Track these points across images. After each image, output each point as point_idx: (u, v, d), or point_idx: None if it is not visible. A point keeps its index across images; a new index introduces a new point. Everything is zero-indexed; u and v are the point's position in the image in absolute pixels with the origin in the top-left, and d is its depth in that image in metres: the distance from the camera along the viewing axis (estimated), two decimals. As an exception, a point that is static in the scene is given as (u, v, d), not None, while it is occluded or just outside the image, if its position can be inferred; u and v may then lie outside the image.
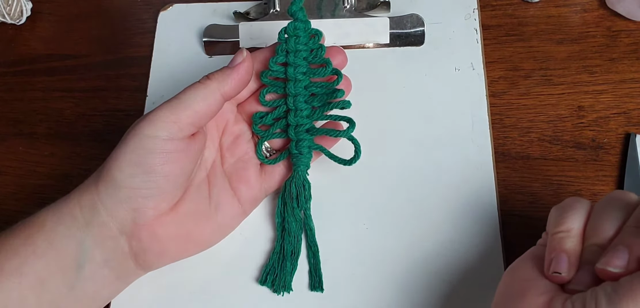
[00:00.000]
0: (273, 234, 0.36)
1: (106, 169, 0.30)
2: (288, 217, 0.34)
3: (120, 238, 0.30)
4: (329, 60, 0.34)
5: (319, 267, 0.34)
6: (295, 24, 0.33)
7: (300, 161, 0.34)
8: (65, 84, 0.43)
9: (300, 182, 0.34)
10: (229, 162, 0.35)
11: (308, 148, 0.34)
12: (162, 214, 0.31)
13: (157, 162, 0.29)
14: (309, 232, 0.35)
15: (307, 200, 0.34)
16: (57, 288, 0.29)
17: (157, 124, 0.29)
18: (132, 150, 0.29)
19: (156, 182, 0.30)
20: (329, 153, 0.34)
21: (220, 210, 0.33)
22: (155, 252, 0.31)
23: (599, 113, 0.39)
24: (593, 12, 0.42)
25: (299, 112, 0.34)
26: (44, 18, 0.46)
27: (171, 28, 0.44)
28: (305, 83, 0.34)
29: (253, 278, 0.35)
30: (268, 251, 0.35)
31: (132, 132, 0.30)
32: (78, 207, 0.30)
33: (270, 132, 0.35)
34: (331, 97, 0.34)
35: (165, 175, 0.30)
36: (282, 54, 0.34)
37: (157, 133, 0.29)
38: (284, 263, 0.34)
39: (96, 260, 0.30)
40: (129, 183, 0.29)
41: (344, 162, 0.34)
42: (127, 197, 0.29)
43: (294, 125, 0.34)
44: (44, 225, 0.30)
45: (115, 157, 0.30)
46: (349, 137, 0.33)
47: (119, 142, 0.31)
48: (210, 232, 0.33)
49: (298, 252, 0.34)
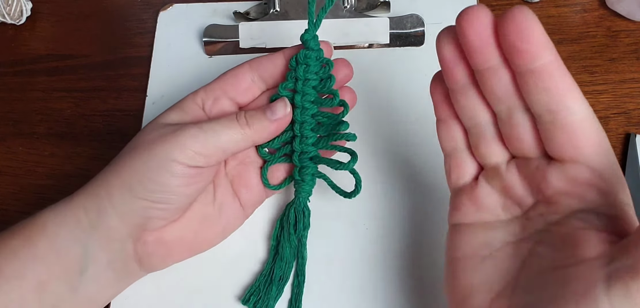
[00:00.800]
0: (264, 256, 0.35)
1: (123, 177, 0.29)
2: (283, 241, 0.34)
3: (126, 241, 0.30)
4: (336, 92, 0.34)
5: (301, 298, 0.34)
6: (306, 53, 0.33)
7: (302, 188, 0.34)
8: (65, 84, 0.43)
9: (300, 209, 0.34)
10: (231, 165, 0.35)
11: (311, 176, 0.34)
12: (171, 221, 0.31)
13: (179, 183, 0.29)
14: (300, 260, 0.34)
15: (305, 228, 0.34)
16: (59, 290, 0.29)
17: (187, 153, 0.29)
18: (155, 168, 0.29)
19: (176, 201, 0.30)
20: (331, 183, 0.34)
21: (223, 213, 0.33)
22: (160, 255, 0.31)
23: (599, 113, 0.39)
24: (593, 12, 0.42)
25: (304, 139, 0.34)
26: (44, 18, 0.46)
27: (171, 28, 0.44)
28: (313, 111, 0.34)
29: (236, 297, 0.34)
30: (256, 272, 0.35)
31: (157, 149, 0.29)
32: (82, 210, 0.30)
33: (275, 157, 0.35)
34: (336, 128, 0.34)
35: (186, 195, 0.30)
36: (292, 81, 0.33)
37: (184, 160, 0.29)
38: (270, 287, 0.33)
39: (100, 263, 0.30)
40: (148, 197, 0.29)
41: (345, 195, 0.33)
42: (143, 208, 0.29)
43: (299, 152, 0.34)
44: (45, 227, 0.29)
45: (135, 168, 0.29)
46: (351, 170, 0.33)
47: (133, 144, 0.30)
48: (214, 234, 0.33)
49: (286, 278, 0.34)
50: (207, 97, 0.33)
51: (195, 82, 0.41)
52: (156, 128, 0.31)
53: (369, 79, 0.40)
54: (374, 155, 0.38)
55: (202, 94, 0.33)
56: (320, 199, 0.36)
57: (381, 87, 0.40)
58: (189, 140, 0.29)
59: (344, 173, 0.34)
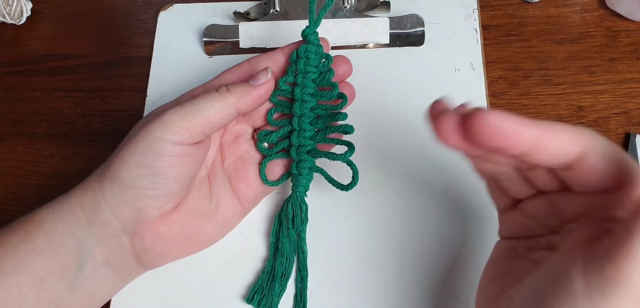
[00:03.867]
0: (264, 253, 0.35)
1: (113, 168, 0.30)
2: (282, 237, 0.34)
3: (122, 237, 0.30)
4: (336, 84, 0.34)
5: (305, 293, 0.34)
6: (307, 47, 0.34)
7: (299, 182, 0.34)
8: (65, 84, 0.43)
9: (297, 203, 0.34)
10: (229, 161, 0.35)
11: (308, 169, 0.34)
12: (165, 214, 0.31)
13: (166, 164, 0.29)
14: (301, 254, 0.34)
15: (304, 222, 0.34)
16: (57, 286, 0.29)
17: (170, 128, 0.29)
18: (142, 151, 0.29)
19: (163, 184, 0.30)
20: (328, 176, 0.34)
21: (220, 209, 0.33)
22: (158, 251, 0.31)
23: (599, 113, 0.39)
24: (593, 12, 0.42)
25: (302, 133, 0.34)
26: (44, 18, 0.46)
27: (171, 28, 0.44)
28: (312, 104, 0.34)
29: (239, 296, 0.34)
30: (258, 270, 0.35)
31: (142, 132, 0.29)
32: (79, 205, 0.30)
33: (273, 151, 0.35)
34: (333, 119, 0.34)
35: (174, 177, 0.30)
36: (292, 74, 0.34)
37: (168, 137, 0.29)
38: (273, 284, 0.34)
39: (97, 259, 0.30)
40: (137, 183, 0.29)
41: (342, 187, 0.34)
42: (133, 197, 0.29)
43: (297, 145, 0.34)
44: (43, 223, 0.30)
45: (122, 157, 0.29)
46: (348, 162, 0.33)
47: (125, 139, 0.31)
48: (211, 231, 0.33)
49: (288, 274, 0.34)
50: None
51: (195, 82, 0.41)
52: (147, 119, 0.31)
53: (369, 79, 0.40)
54: (374, 155, 0.38)
55: (201, 90, 0.33)
56: (319, 194, 0.36)
57: (381, 87, 0.40)
58: (171, 116, 0.29)
59: (341, 169, 0.34)
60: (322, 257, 0.35)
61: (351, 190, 0.34)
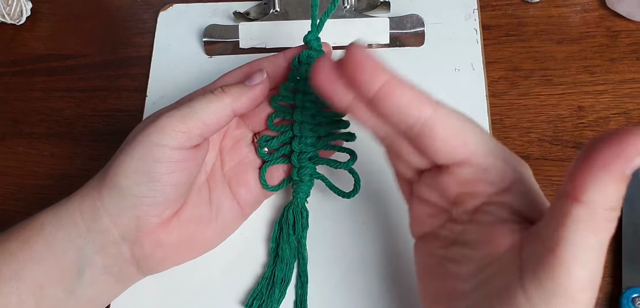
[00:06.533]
0: (264, 259, 0.35)
1: (110, 175, 0.29)
2: (283, 243, 0.34)
3: (121, 244, 0.30)
4: None
5: (306, 299, 0.34)
6: (309, 53, 0.33)
7: (300, 188, 0.34)
8: (65, 84, 0.43)
9: (298, 209, 0.34)
10: (228, 165, 0.35)
11: (309, 176, 0.34)
12: (165, 221, 0.31)
13: (164, 170, 0.29)
14: (301, 260, 0.34)
15: (304, 228, 0.34)
16: (56, 293, 0.29)
17: (167, 132, 0.29)
18: (139, 157, 0.29)
19: (162, 190, 0.29)
20: (329, 183, 0.34)
21: (220, 214, 0.33)
22: (157, 257, 0.31)
23: (599, 113, 0.39)
24: (593, 12, 0.42)
25: (303, 139, 0.34)
26: (44, 18, 0.46)
27: (171, 28, 0.44)
28: (313, 111, 0.34)
29: (239, 301, 0.34)
30: (258, 275, 0.35)
31: (139, 138, 0.29)
32: (78, 212, 0.29)
33: (274, 157, 0.34)
34: (336, 127, 0.34)
35: (172, 184, 0.29)
36: (293, 80, 0.33)
37: (165, 142, 0.29)
38: (273, 290, 0.33)
39: (96, 266, 0.30)
40: (135, 191, 0.29)
41: (344, 195, 0.33)
42: (132, 205, 0.29)
43: (298, 152, 0.34)
44: (42, 230, 0.29)
45: (119, 163, 0.29)
46: (350, 170, 0.33)
47: (122, 144, 0.30)
48: (211, 236, 0.33)
49: (288, 280, 0.34)
50: None
51: (195, 82, 0.41)
52: (145, 123, 0.31)
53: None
54: (373, 155, 0.37)
55: (200, 94, 0.33)
56: (319, 200, 0.36)
57: (381, 87, 0.40)
58: (167, 120, 0.29)
59: (342, 175, 0.34)
60: (322, 263, 0.35)
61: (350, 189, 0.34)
